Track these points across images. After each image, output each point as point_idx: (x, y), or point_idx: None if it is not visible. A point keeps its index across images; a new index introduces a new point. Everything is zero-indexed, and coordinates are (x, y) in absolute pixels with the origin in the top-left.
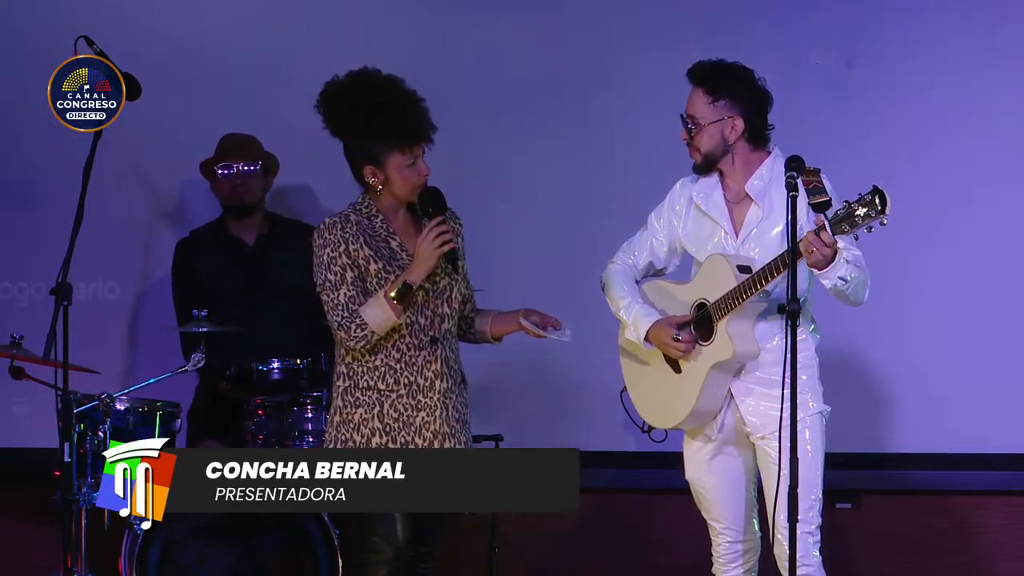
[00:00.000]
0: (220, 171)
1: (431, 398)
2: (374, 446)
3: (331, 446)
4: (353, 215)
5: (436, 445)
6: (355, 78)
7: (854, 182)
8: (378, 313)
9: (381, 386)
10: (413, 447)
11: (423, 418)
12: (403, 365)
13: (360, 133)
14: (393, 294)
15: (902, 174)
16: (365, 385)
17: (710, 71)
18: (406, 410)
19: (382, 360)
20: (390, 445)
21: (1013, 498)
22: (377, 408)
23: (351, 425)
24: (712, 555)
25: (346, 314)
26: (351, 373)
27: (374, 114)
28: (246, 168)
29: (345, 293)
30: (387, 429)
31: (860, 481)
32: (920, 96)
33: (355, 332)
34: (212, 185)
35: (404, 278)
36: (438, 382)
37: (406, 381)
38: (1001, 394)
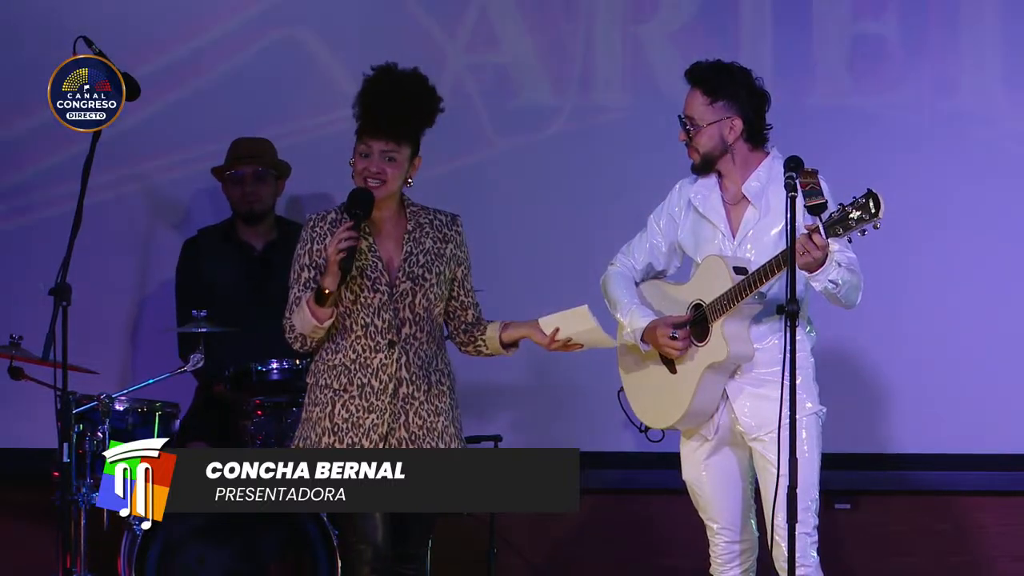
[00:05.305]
0: (231, 178)
1: (383, 401)
2: (323, 446)
3: (296, 444)
4: (334, 213)
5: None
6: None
7: (853, 183)
8: (301, 317)
9: (336, 385)
10: (359, 448)
11: (373, 420)
12: (358, 366)
13: None
14: (311, 297)
15: (901, 174)
16: (323, 384)
17: (708, 72)
18: (357, 411)
19: (340, 360)
20: (337, 446)
21: (1012, 499)
22: (329, 408)
23: (309, 423)
24: (710, 555)
25: (287, 314)
26: (315, 371)
27: (357, 101)
28: (256, 175)
29: (295, 293)
30: (335, 429)
31: (859, 481)
32: (920, 97)
33: (288, 333)
34: (223, 188)
35: (320, 282)
36: (392, 385)
37: (359, 382)
38: (1000, 394)
